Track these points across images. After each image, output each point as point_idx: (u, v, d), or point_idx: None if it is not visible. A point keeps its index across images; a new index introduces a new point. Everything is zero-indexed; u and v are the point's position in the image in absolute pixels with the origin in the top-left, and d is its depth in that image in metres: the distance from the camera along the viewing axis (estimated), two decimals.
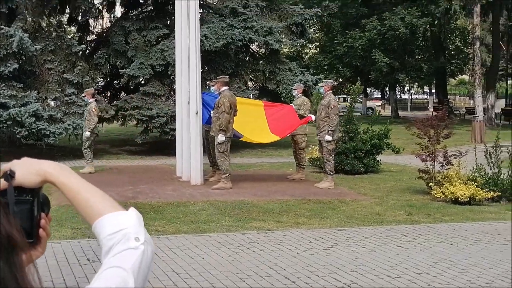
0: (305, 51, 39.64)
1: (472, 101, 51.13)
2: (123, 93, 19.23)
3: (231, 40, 16.63)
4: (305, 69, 20.01)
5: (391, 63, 31.78)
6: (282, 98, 19.48)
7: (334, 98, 10.99)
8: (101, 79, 19.40)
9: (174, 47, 16.64)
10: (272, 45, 17.50)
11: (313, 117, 11.38)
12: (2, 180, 0.99)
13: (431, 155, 10.28)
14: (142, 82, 17.49)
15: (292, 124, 11.40)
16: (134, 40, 17.13)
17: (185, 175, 11.21)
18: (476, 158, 10.09)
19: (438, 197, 9.69)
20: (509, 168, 9.92)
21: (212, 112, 10.70)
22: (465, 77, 59.85)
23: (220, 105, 10.09)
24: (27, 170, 1.03)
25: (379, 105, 43.59)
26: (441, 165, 10.20)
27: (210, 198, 9.55)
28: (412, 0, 33.97)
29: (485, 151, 10.14)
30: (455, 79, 55.76)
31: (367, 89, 46.33)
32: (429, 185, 10.10)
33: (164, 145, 17.09)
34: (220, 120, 10.09)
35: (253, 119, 11.45)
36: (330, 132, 10.67)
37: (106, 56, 17.31)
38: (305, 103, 12.07)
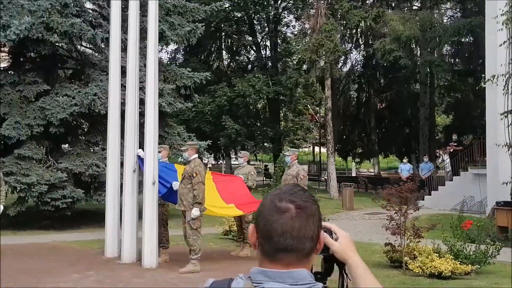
0: None
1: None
2: None
3: None
4: (193, 134, 18.87)
5: (240, 130, 31.58)
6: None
7: (303, 168, 10.17)
8: None
9: (58, 104, 14.66)
10: (164, 108, 16.18)
11: None
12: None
13: (400, 228, 9.89)
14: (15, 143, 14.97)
15: (253, 200, 10.20)
16: (7, 96, 14.74)
17: (129, 257, 9.46)
18: (444, 230, 9.96)
19: (417, 272, 9.24)
20: (477, 242, 9.90)
21: (175, 183, 9.22)
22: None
23: (195, 174, 8.67)
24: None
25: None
26: (410, 239, 9.84)
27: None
28: (263, 68, 34.64)
29: (450, 223, 10.05)
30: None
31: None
32: (404, 259, 9.65)
33: (42, 217, 14.84)
34: (196, 191, 8.66)
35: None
36: None
37: None
38: (252, 173, 11.04)
